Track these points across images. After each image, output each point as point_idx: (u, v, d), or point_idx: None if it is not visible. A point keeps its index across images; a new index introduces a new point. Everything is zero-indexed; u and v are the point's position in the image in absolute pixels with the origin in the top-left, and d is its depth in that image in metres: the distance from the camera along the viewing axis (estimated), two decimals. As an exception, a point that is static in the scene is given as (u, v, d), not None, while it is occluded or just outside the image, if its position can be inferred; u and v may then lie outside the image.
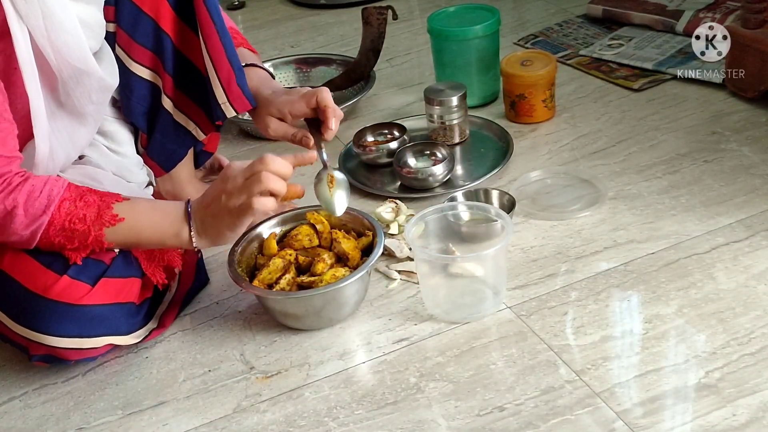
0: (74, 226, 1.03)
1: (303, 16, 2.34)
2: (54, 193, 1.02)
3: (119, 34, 1.19)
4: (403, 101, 1.76)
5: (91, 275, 1.08)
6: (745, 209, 1.27)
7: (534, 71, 1.56)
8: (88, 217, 1.04)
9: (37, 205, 1.01)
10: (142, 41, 1.20)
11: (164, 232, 1.09)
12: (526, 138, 1.56)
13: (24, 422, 1.09)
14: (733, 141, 1.45)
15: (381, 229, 1.19)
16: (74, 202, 1.04)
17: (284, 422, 1.03)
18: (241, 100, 1.22)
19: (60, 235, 1.03)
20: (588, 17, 2.00)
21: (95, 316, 1.08)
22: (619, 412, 0.97)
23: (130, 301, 1.13)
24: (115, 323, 1.11)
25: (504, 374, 1.04)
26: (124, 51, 1.20)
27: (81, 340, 1.08)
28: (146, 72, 1.23)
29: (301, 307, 1.14)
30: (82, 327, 1.08)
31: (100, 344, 1.11)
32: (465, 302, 1.18)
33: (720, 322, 1.07)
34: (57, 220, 1.02)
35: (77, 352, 1.10)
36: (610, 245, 1.24)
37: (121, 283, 1.11)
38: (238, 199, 1.06)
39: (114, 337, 1.12)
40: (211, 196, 1.09)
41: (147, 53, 1.21)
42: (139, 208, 1.09)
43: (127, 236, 1.07)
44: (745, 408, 0.94)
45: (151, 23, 1.19)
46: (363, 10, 1.71)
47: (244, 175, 1.07)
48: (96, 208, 1.05)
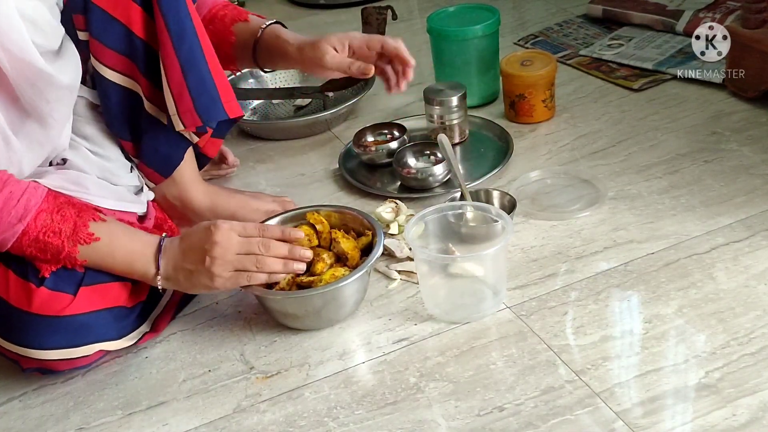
0: (48, 239, 1.03)
1: (302, 16, 2.34)
2: (32, 203, 1.02)
3: (92, 43, 1.14)
4: (403, 101, 1.76)
5: (71, 284, 1.07)
6: (745, 209, 1.27)
7: (534, 71, 1.56)
8: (64, 231, 1.03)
9: (13, 213, 1.00)
10: (113, 45, 1.15)
11: (134, 263, 1.09)
12: (526, 138, 1.56)
13: (23, 422, 1.09)
14: (734, 141, 1.45)
15: (381, 229, 1.19)
16: (51, 214, 1.03)
17: (284, 422, 1.03)
18: (191, 113, 1.15)
19: (33, 246, 1.03)
20: (588, 17, 2.00)
21: (81, 325, 1.07)
22: (618, 412, 0.97)
23: (119, 306, 1.11)
24: (103, 330, 1.10)
25: (504, 374, 1.04)
26: (97, 59, 1.16)
27: (70, 351, 1.07)
28: (120, 77, 1.17)
29: (300, 306, 1.13)
30: (70, 337, 1.07)
31: (91, 352, 1.09)
32: (465, 302, 1.18)
33: (720, 322, 1.07)
34: (32, 230, 1.02)
35: (67, 362, 1.09)
36: (610, 245, 1.24)
37: (104, 288, 1.09)
38: (223, 271, 1.08)
39: (104, 344, 1.10)
40: (194, 249, 1.09)
41: (118, 57, 1.16)
42: (116, 232, 1.08)
43: (100, 257, 1.06)
44: (745, 408, 0.94)
45: (123, 28, 1.14)
46: (362, 10, 1.71)
47: (239, 248, 1.08)
48: (72, 223, 1.04)
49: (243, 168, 1.58)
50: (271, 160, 1.61)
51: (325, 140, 1.66)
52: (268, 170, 1.57)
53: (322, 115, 1.66)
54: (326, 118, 1.67)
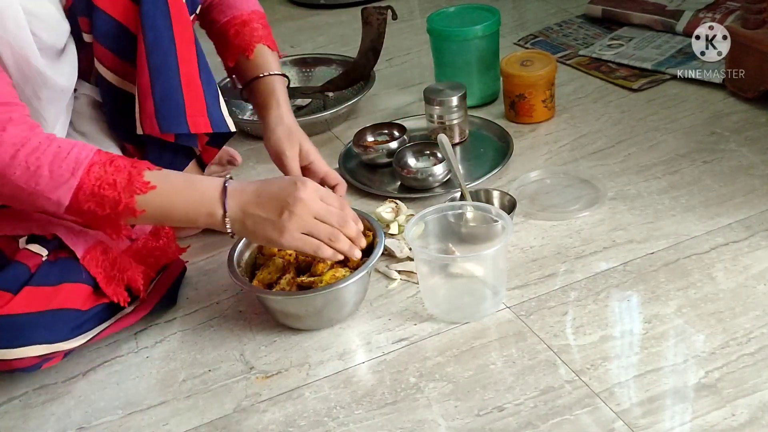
0: (104, 192, 0.99)
1: (303, 16, 2.34)
2: (82, 156, 0.99)
3: (96, 47, 1.15)
4: (403, 101, 1.76)
5: (14, 283, 1.04)
6: (745, 209, 1.28)
7: (534, 71, 1.56)
8: (119, 183, 1.00)
9: (64, 167, 0.97)
10: (113, 48, 1.15)
11: (197, 207, 1.04)
12: (526, 138, 1.56)
13: (24, 422, 1.09)
14: (733, 141, 1.45)
15: (381, 230, 1.20)
16: (104, 166, 0.99)
17: (284, 422, 1.03)
18: (151, 119, 1.15)
19: (90, 200, 0.99)
20: (588, 17, 2.00)
21: (20, 326, 1.03)
22: (618, 412, 0.97)
23: (71, 308, 1.08)
24: (48, 332, 1.06)
25: (503, 374, 1.05)
26: (101, 62, 1.16)
27: (4, 351, 1.03)
28: (121, 81, 1.18)
29: (301, 307, 1.14)
30: (4, 337, 1.03)
31: (31, 354, 1.04)
32: (464, 302, 1.18)
33: (719, 322, 1.07)
34: (86, 184, 0.98)
35: (4, 363, 1.04)
36: (609, 245, 1.24)
37: (51, 291, 1.06)
38: (296, 230, 1.04)
39: (48, 345, 1.06)
40: (273, 198, 1.05)
41: (118, 60, 1.16)
42: (172, 179, 1.05)
43: (159, 207, 1.02)
44: (744, 408, 0.95)
45: (123, 29, 1.14)
46: (363, 10, 1.71)
47: (319, 212, 1.05)
48: (127, 173, 1.00)
49: (243, 168, 1.58)
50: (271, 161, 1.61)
51: (325, 140, 1.66)
52: (268, 170, 1.57)
53: (322, 115, 1.66)
54: (326, 118, 1.67)
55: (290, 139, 1.22)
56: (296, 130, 1.25)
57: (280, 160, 1.23)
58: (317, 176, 1.24)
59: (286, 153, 1.21)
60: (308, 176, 1.22)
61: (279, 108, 1.25)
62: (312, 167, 1.24)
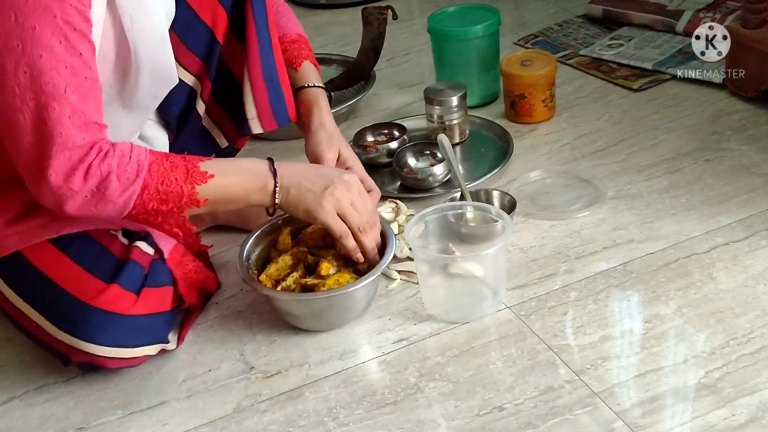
0: (167, 188, 1.02)
1: (303, 16, 2.34)
2: (142, 157, 1.01)
3: (171, 37, 1.16)
4: (403, 101, 1.76)
5: (135, 284, 1.08)
6: (745, 209, 1.27)
7: (534, 71, 1.56)
8: (178, 178, 1.03)
9: (129, 170, 1.00)
10: (194, 48, 1.18)
11: (251, 185, 1.09)
12: (526, 138, 1.56)
13: (24, 422, 1.09)
14: (734, 141, 1.45)
15: (393, 235, 1.18)
16: (162, 164, 1.03)
17: (284, 422, 1.03)
18: (269, 118, 1.23)
19: (154, 198, 1.02)
20: (588, 17, 2.00)
21: (139, 326, 1.08)
22: (618, 412, 0.97)
23: (167, 310, 1.12)
24: (156, 333, 1.11)
25: (503, 374, 1.04)
26: (176, 57, 1.17)
27: (124, 350, 1.08)
28: (191, 78, 1.21)
29: (305, 308, 1.13)
30: (126, 337, 1.08)
31: (141, 354, 1.10)
32: (464, 302, 1.18)
33: (719, 322, 1.07)
34: (150, 183, 1.01)
35: (118, 361, 1.09)
36: (609, 245, 1.24)
37: (159, 292, 1.11)
38: (333, 207, 1.10)
39: (154, 347, 1.11)
40: (320, 174, 1.12)
41: (196, 60, 1.20)
42: (224, 164, 1.10)
43: (218, 192, 1.06)
44: (744, 408, 0.94)
45: (207, 31, 1.18)
46: (363, 10, 1.71)
47: (356, 200, 1.12)
48: (183, 168, 1.04)
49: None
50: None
51: (326, 140, 1.65)
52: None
53: (322, 115, 1.66)
54: (326, 118, 1.66)
55: (330, 143, 1.24)
56: (337, 136, 1.26)
57: (318, 164, 1.23)
58: None
59: (325, 156, 1.22)
60: None
61: (321, 114, 1.27)
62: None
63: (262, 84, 1.21)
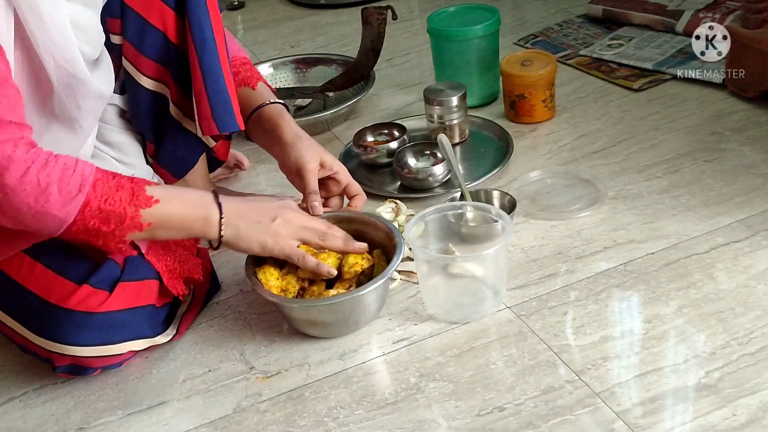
0: (111, 207, 1.00)
1: (303, 16, 2.34)
2: (87, 172, 0.99)
3: (126, 47, 1.17)
4: (403, 101, 1.76)
5: (108, 281, 1.08)
6: (746, 209, 1.27)
7: (534, 71, 1.56)
8: (123, 199, 1.01)
9: (72, 183, 0.97)
10: (149, 53, 1.17)
11: (194, 214, 1.07)
12: (526, 138, 1.56)
13: (24, 422, 1.09)
14: (734, 141, 1.45)
15: (401, 235, 1.16)
16: (107, 182, 1.01)
17: (284, 422, 1.03)
18: (209, 121, 1.18)
19: (96, 216, 1.00)
20: (588, 17, 2.00)
21: (115, 322, 1.08)
22: (618, 412, 0.97)
23: (150, 304, 1.12)
24: (137, 327, 1.11)
25: (504, 374, 1.04)
26: (132, 64, 1.18)
27: (104, 348, 1.08)
28: (154, 84, 1.20)
29: (330, 314, 1.13)
30: (104, 334, 1.07)
31: (124, 350, 1.10)
32: (465, 302, 1.18)
33: (720, 322, 1.07)
34: (93, 200, 0.99)
35: (101, 359, 1.09)
36: (610, 245, 1.24)
37: (137, 285, 1.10)
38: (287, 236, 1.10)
39: (137, 341, 1.11)
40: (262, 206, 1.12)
41: (154, 65, 1.18)
42: (170, 191, 1.10)
43: (161, 217, 1.04)
44: (744, 408, 0.94)
45: (159, 34, 1.16)
46: (363, 10, 1.71)
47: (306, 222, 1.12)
48: (129, 190, 1.02)
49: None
50: (271, 161, 1.60)
51: (325, 140, 1.65)
52: (269, 170, 1.57)
53: (322, 115, 1.66)
54: (326, 118, 1.67)
55: (312, 153, 1.22)
56: (316, 145, 1.24)
57: (300, 174, 1.21)
58: (341, 186, 1.25)
59: (307, 166, 1.20)
60: (332, 186, 1.25)
61: (292, 127, 1.24)
62: (337, 177, 1.25)
63: (200, 83, 1.17)
